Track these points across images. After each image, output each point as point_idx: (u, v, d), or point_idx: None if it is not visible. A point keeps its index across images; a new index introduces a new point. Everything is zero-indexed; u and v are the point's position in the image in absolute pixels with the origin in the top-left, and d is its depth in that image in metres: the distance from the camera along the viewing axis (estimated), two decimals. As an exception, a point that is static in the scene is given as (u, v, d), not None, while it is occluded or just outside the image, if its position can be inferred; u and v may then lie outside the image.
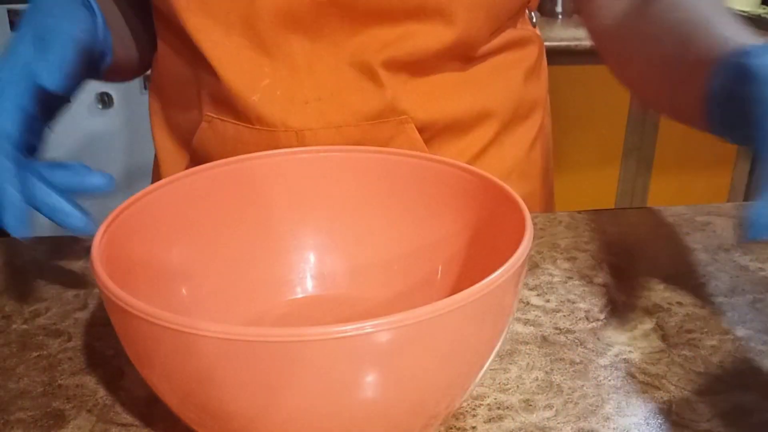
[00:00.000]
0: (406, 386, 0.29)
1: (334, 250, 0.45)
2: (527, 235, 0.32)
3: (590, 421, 0.36)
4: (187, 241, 0.41)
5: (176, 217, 0.40)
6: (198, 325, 0.26)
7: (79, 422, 0.36)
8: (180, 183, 0.40)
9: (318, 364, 0.26)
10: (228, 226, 0.43)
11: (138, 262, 0.37)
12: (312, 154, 0.44)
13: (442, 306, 0.27)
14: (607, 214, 0.60)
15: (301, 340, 0.25)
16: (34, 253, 0.54)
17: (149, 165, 0.64)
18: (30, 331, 0.44)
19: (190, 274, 0.41)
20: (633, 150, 1.87)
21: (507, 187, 0.38)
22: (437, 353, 0.28)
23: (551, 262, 0.52)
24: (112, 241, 0.35)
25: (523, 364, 0.41)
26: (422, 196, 0.43)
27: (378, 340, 0.26)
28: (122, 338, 0.31)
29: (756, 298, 0.48)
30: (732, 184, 1.97)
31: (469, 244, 0.41)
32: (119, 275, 0.32)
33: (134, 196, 0.38)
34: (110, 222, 0.35)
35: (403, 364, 0.28)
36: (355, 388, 0.28)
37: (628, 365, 0.41)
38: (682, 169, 1.91)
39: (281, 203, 0.44)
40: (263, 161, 0.43)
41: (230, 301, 0.42)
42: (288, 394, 0.27)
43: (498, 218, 0.38)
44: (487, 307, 0.29)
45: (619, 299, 0.47)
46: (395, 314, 0.26)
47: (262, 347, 0.26)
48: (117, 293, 0.28)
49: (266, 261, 0.44)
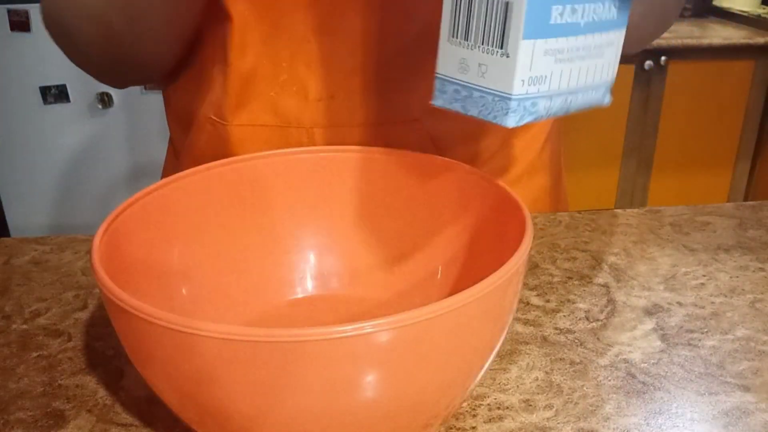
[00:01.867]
0: (406, 386, 0.29)
1: (334, 250, 0.45)
2: (527, 235, 0.32)
3: (590, 421, 0.36)
4: (187, 241, 0.41)
5: (176, 217, 0.40)
6: (198, 326, 0.26)
7: (79, 422, 0.36)
8: (180, 183, 0.40)
9: (318, 364, 0.26)
10: (228, 226, 0.43)
11: (138, 262, 0.37)
12: (312, 154, 0.44)
13: (442, 306, 0.27)
14: (607, 214, 0.60)
15: (301, 341, 0.25)
16: (34, 253, 0.54)
17: (149, 165, 0.65)
18: (30, 331, 0.44)
19: (190, 274, 0.41)
20: (633, 150, 1.87)
21: (507, 188, 0.38)
22: (437, 353, 0.28)
23: (551, 262, 0.52)
24: (112, 241, 0.35)
25: (523, 364, 0.41)
26: (422, 196, 0.43)
27: (378, 340, 0.26)
28: (122, 338, 0.31)
29: (756, 298, 0.48)
30: (732, 184, 1.97)
31: (469, 244, 0.41)
32: (119, 275, 0.32)
33: (134, 196, 0.38)
34: (110, 222, 0.35)
35: (403, 365, 0.28)
36: (355, 388, 0.28)
37: (628, 365, 0.41)
38: (682, 169, 1.92)
39: (281, 203, 0.44)
40: (263, 161, 0.43)
41: (230, 301, 0.42)
42: (288, 395, 0.27)
43: (498, 218, 0.38)
44: (487, 307, 0.29)
45: (618, 299, 0.47)
46: (395, 314, 0.26)
47: (262, 347, 0.26)
48: (117, 293, 0.28)
49: (266, 261, 0.44)
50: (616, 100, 1.36)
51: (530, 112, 0.32)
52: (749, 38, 1.77)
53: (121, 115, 1.86)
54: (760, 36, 1.78)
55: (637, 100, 1.80)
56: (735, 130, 1.89)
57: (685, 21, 1.99)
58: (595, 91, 0.34)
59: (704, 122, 1.86)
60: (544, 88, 0.32)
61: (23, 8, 1.77)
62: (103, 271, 0.30)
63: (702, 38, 1.75)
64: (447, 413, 0.33)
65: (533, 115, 0.32)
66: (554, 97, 0.32)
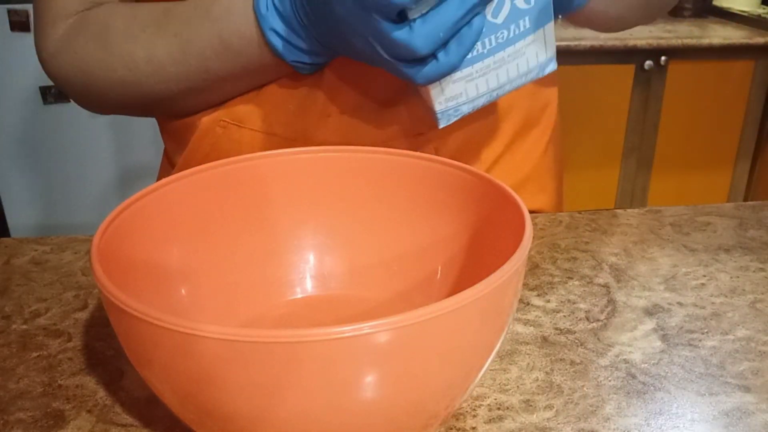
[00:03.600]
0: (406, 386, 0.29)
1: (333, 250, 0.45)
2: (527, 235, 0.32)
3: (590, 422, 0.36)
4: (186, 241, 0.41)
5: (176, 217, 0.40)
6: (197, 326, 0.26)
7: (79, 422, 0.36)
8: (180, 183, 0.40)
9: (317, 365, 0.26)
10: (228, 226, 0.43)
11: (137, 263, 0.37)
12: (312, 154, 0.44)
13: (442, 306, 0.27)
14: (607, 214, 0.60)
15: (301, 341, 0.25)
16: (34, 253, 0.54)
17: (150, 165, 0.65)
18: (30, 331, 0.44)
19: (190, 275, 0.41)
20: (633, 150, 1.87)
21: (506, 187, 0.38)
22: (437, 354, 0.28)
23: (551, 262, 0.52)
24: (112, 242, 0.34)
25: (523, 365, 0.41)
26: (422, 196, 0.43)
27: (377, 340, 0.26)
28: (121, 339, 0.31)
29: (756, 298, 0.48)
30: (732, 184, 1.97)
31: (469, 244, 0.41)
32: (119, 275, 0.32)
33: (134, 196, 0.38)
34: (110, 222, 0.35)
35: (403, 365, 0.28)
36: (355, 388, 0.28)
37: (628, 365, 0.41)
38: (682, 169, 1.92)
39: (281, 203, 0.44)
40: (263, 161, 0.43)
41: (230, 302, 0.42)
42: (287, 395, 0.27)
43: (498, 218, 0.38)
44: (487, 307, 0.29)
45: (619, 299, 0.47)
46: (394, 315, 0.26)
47: (262, 348, 0.26)
48: (116, 294, 0.28)
49: (266, 261, 0.44)
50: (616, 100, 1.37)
51: (455, 115, 0.44)
52: (749, 38, 1.77)
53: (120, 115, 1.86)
54: (760, 36, 1.77)
55: (637, 100, 1.80)
56: (735, 130, 1.89)
57: (685, 21, 1.99)
58: (528, 75, 0.42)
59: (704, 122, 1.86)
60: (462, 99, 0.42)
61: (23, 8, 1.76)
62: (102, 272, 0.30)
63: (702, 38, 1.75)
64: (447, 413, 0.33)
65: (459, 115, 0.44)
66: (476, 99, 0.43)
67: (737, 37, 1.77)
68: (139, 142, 1.91)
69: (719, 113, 1.86)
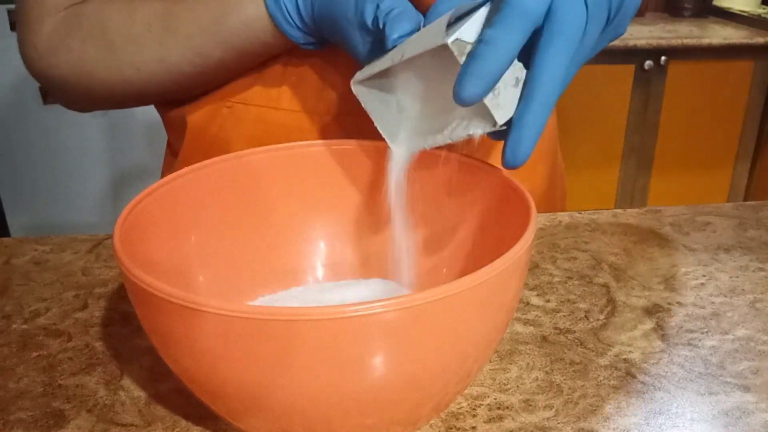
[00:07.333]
0: (406, 367, 0.29)
1: (343, 239, 0.46)
2: (532, 221, 0.33)
3: (590, 421, 0.36)
4: (198, 233, 0.42)
5: (193, 206, 0.41)
6: (202, 302, 0.27)
7: (79, 422, 0.36)
8: (192, 176, 0.41)
9: (321, 343, 0.27)
10: (239, 218, 0.44)
11: (155, 251, 0.38)
12: (323, 147, 0.45)
13: (449, 288, 0.27)
14: (607, 214, 0.60)
15: (306, 319, 0.26)
16: (34, 253, 0.54)
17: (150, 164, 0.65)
18: (30, 331, 0.44)
19: (203, 266, 0.41)
20: (633, 150, 1.87)
21: (512, 178, 0.38)
22: (440, 336, 0.29)
23: (551, 262, 0.52)
24: (132, 230, 0.35)
25: (523, 364, 0.41)
26: (427, 187, 0.43)
27: (385, 319, 0.27)
28: (143, 320, 0.32)
29: (756, 297, 0.48)
30: (732, 184, 1.97)
31: (474, 234, 0.42)
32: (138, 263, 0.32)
33: (152, 186, 0.38)
34: (129, 211, 0.35)
35: (409, 346, 0.28)
36: (360, 367, 0.28)
37: (628, 365, 0.41)
38: (682, 169, 1.92)
39: (289, 196, 0.45)
40: (271, 155, 0.44)
41: (243, 289, 0.43)
42: (293, 372, 0.28)
43: (503, 208, 0.38)
44: (492, 290, 0.30)
45: (618, 299, 0.47)
46: (402, 296, 0.27)
47: (269, 325, 0.26)
48: (140, 276, 0.29)
49: (281, 249, 0.45)
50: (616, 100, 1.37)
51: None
52: (749, 38, 1.77)
53: (121, 115, 1.86)
54: (760, 36, 1.77)
55: (637, 100, 1.80)
56: (735, 130, 1.89)
57: (685, 21, 1.99)
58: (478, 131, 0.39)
59: (704, 122, 1.85)
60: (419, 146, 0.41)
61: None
62: (127, 258, 0.30)
63: (702, 38, 1.75)
64: (454, 393, 0.33)
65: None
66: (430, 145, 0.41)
67: (737, 37, 1.77)
68: (138, 142, 1.91)
69: (719, 113, 1.86)
